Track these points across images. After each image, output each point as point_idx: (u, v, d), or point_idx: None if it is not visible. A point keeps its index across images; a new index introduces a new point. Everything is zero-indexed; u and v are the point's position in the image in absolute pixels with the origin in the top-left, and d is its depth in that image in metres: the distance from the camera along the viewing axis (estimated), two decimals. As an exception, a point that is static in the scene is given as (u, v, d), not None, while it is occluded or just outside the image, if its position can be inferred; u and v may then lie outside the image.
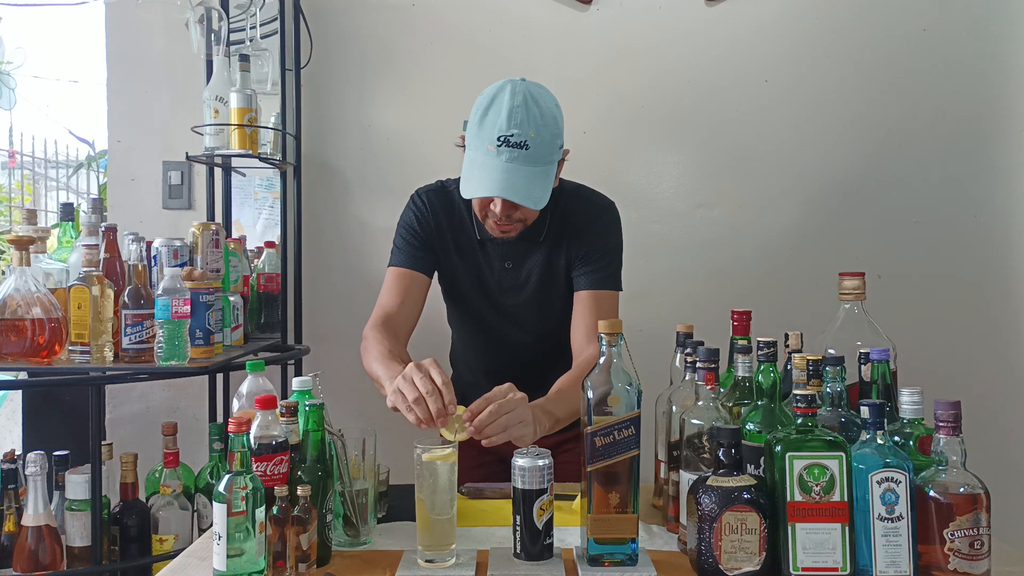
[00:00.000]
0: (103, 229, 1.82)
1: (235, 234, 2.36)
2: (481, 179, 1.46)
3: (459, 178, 1.59)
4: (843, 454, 1.07)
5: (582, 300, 1.63)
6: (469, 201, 1.58)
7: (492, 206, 1.50)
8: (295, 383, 1.29)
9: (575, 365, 1.58)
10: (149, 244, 1.84)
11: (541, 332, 1.69)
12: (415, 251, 1.66)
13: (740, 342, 1.29)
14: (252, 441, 1.14)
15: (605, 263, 1.63)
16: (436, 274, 1.72)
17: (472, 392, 1.80)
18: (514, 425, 1.29)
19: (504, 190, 1.44)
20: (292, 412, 1.21)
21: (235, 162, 2.29)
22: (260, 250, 2.32)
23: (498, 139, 1.43)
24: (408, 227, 1.68)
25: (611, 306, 1.63)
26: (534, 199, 1.46)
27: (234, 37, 2.24)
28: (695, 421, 1.22)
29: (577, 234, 1.63)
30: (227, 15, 2.20)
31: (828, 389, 1.22)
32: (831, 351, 1.36)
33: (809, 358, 1.24)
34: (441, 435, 1.28)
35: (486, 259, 1.66)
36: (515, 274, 1.65)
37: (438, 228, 1.67)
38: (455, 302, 1.75)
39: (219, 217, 2.35)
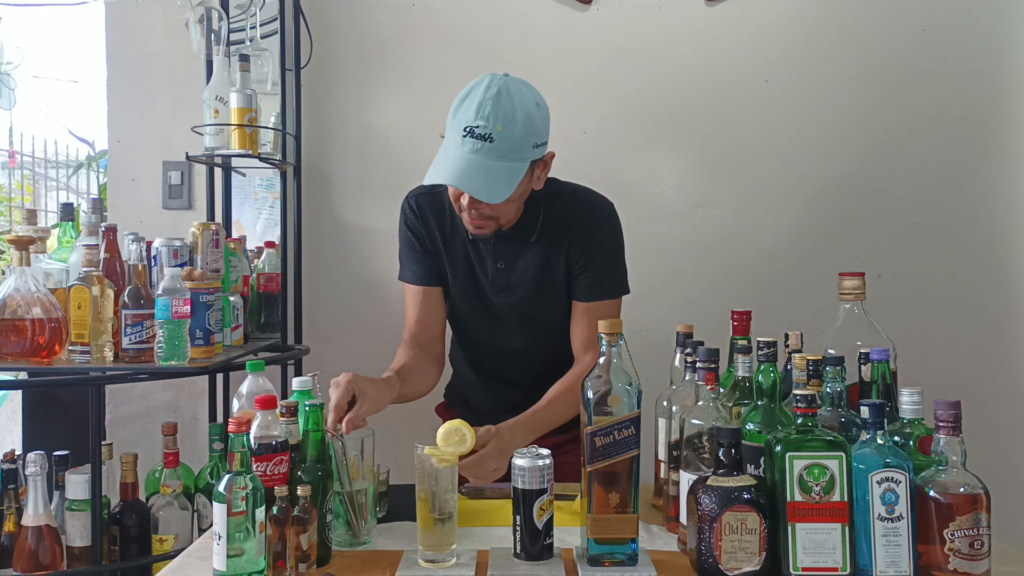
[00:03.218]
0: (103, 229, 1.82)
1: (235, 234, 2.36)
2: (441, 166, 1.45)
3: None
4: (843, 454, 1.07)
5: (584, 309, 1.62)
6: None
7: (461, 199, 1.49)
8: (295, 383, 1.29)
9: (570, 373, 1.59)
10: (149, 244, 1.84)
11: (535, 332, 1.69)
12: (420, 259, 1.67)
13: (740, 342, 1.29)
14: (252, 441, 1.14)
15: (608, 270, 1.63)
16: None
17: (471, 392, 1.81)
18: (490, 475, 1.36)
19: (457, 179, 1.42)
20: (292, 412, 1.21)
21: (235, 162, 2.29)
22: (260, 250, 2.32)
23: (464, 129, 1.42)
24: (405, 239, 1.69)
25: (613, 313, 1.63)
26: (489, 193, 1.43)
27: (234, 37, 2.24)
28: (695, 421, 1.22)
29: (579, 239, 1.61)
30: (227, 15, 2.20)
31: (828, 389, 1.22)
32: (831, 351, 1.36)
33: (809, 358, 1.24)
34: (440, 448, 1.27)
35: (479, 259, 1.65)
36: (508, 274, 1.64)
37: (428, 231, 1.66)
38: (450, 303, 1.74)
39: (219, 217, 2.35)
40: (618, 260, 1.65)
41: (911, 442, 1.17)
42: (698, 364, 1.25)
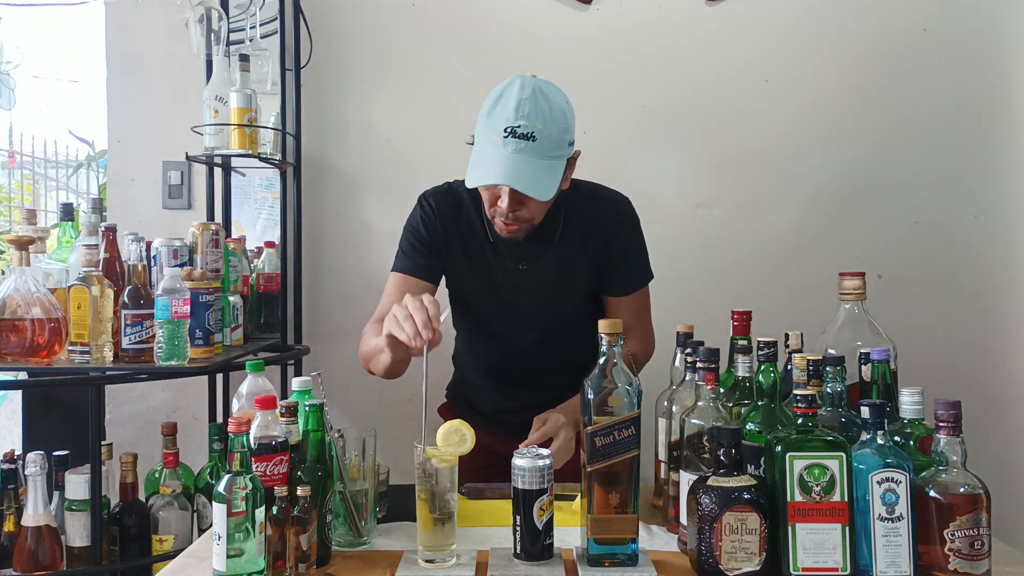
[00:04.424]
0: (103, 229, 1.82)
1: (235, 234, 2.36)
2: (486, 168, 1.44)
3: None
4: (843, 454, 1.07)
5: (621, 301, 1.68)
6: (479, 202, 1.57)
7: (500, 202, 1.48)
8: (295, 383, 1.29)
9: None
10: (149, 244, 1.84)
11: (550, 333, 1.68)
12: (419, 257, 1.65)
13: (740, 342, 1.29)
14: (252, 441, 1.14)
15: (638, 261, 1.70)
16: (444, 279, 1.70)
17: (476, 394, 1.81)
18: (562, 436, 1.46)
19: (509, 178, 1.42)
20: (292, 412, 1.21)
21: (235, 162, 2.29)
22: (260, 250, 2.32)
23: (505, 130, 1.42)
24: (413, 232, 1.66)
25: (647, 298, 1.74)
26: (539, 190, 1.44)
27: (234, 37, 2.24)
28: (695, 421, 1.22)
29: (605, 239, 1.63)
30: (227, 15, 2.20)
31: (828, 389, 1.22)
32: (831, 351, 1.36)
33: (809, 358, 1.24)
34: (440, 448, 1.27)
35: (498, 260, 1.64)
36: (528, 275, 1.64)
37: (444, 231, 1.64)
38: (461, 304, 1.73)
39: (219, 217, 2.35)
40: (644, 250, 1.72)
41: (911, 442, 1.17)
42: (698, 364, 1.25)
